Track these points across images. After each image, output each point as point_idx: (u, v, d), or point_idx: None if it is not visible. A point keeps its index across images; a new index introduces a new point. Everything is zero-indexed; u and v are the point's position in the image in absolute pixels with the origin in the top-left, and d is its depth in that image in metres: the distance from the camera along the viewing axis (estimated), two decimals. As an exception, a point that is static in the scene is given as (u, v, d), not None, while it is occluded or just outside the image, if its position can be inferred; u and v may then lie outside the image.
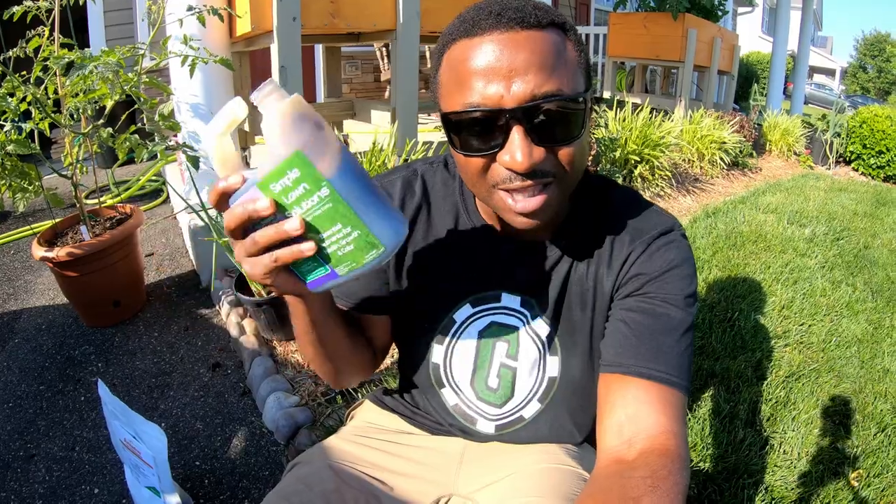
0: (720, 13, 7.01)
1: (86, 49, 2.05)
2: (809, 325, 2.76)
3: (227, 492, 1.68)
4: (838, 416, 2.13)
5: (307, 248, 0.60)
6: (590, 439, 1.04)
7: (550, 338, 0.94)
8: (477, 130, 0.72)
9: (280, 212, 0.59)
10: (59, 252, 2.18)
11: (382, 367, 2.16)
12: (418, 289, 0.97)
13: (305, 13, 2.50)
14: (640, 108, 4.81)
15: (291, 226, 0.59)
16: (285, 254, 0.61)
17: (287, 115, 0.56)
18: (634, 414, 0.73)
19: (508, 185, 0.74)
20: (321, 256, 0.63)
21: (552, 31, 0.71)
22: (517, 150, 0.69)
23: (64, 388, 2.08)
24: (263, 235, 0.60)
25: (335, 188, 0.58)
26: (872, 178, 7.03)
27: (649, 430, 0.71)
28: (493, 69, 0.68)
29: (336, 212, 0.59)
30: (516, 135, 0.70)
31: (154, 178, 4.05)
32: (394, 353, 2.21)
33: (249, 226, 0.61)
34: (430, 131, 4.53)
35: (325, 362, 0.93)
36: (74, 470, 1.74)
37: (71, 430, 1.89)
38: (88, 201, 2.58)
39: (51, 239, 2.37)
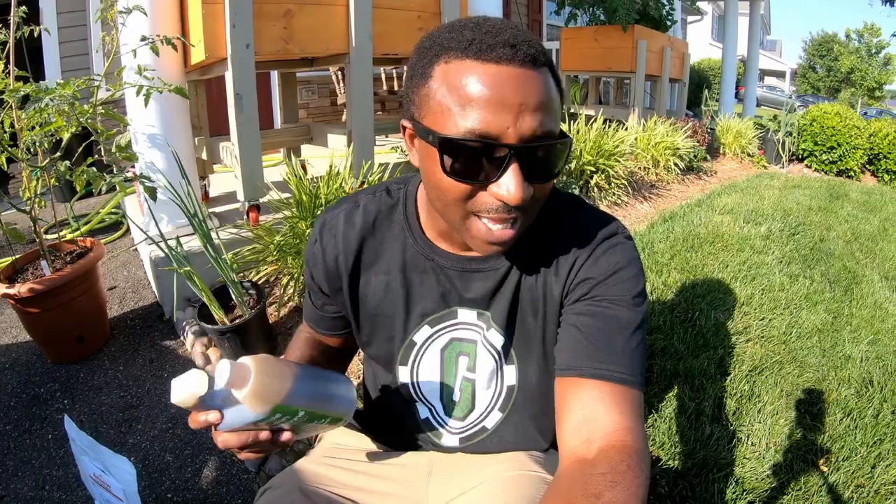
0: (669, 23, 7.19)
1: (41, 82, 2.03)
2: (770, 320, 2.82)
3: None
4: (804, 404, 2.18)
5: (287, 438, 0.80)
6: (555, 445, 1.06)
7: (506, 347, 0.96)
8: (475, 159, 0.72)
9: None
10: (21, 288, 2.14)
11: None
12: (374, 317, 0.99)
13: (259, 40, 2.51)
14: (592, 120, 4.90)
15: (286, 437, 0.80)
16: (274, 448, 0.81)
17: (256, 393, 0.71)
18: (591, 414, 0.76)
19: (492, 215, 0.75)
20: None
21: (548, 71, 0.74)
22: (514, 184, 0.71)
23: (31, 427, 2.03)
24: (260, 446, 0.78)
25: (303, 406, 0.77)
26: (825, 173, 7.26)
27: (606, 427, 0.73)
28: (506, 102, 0.69)
29: (310, 416, 0.79)
30: (514, 170, 0.71)
31: (113, 210, 3.99)
32: (360, 375, 2.21)
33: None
34: (387, 153, 4.55)
35: None
36: (45, 510, 1.70)
37: (40, 468, 1.85)
38: (48, 236, 2.54)
39: (11, 275, 2.32)
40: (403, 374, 1.02)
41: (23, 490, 1.77)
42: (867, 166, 7.46)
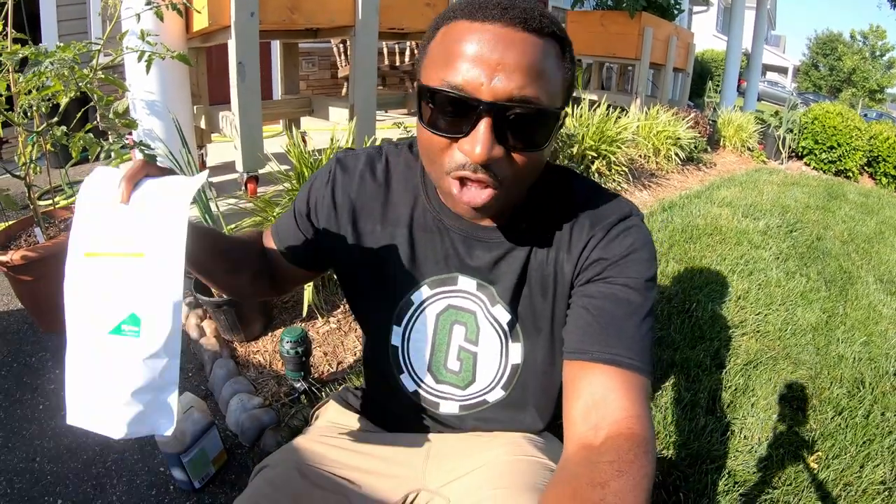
0: (676, 12, 7.14)
1: (40, 45, 1.98)
2: (766, 315, 2.83)
3: (193, 497, 1.65)
4: (796, 401, 2.19)
5: None
6: (550, 426, 1.06)
7: (511, 324, 0.94)
8: (449, 111, 0.72)
9: None
10: (14, 256, 2.10)
11: (346, 365, 2.15)
12: (375, 268, 0.98)
13: (263, 8, 2.46)
14: (596, 105, 4.87)
15: None
16: None
17: None
18: (600, 400, 0.74)
19: (461, 173, 0.75)
20: None
21: (551, 41, 0.72)
22: (479, 142, 0.70)
23: (22, 397, 2.00)
24: None
25: None
26: (824, 172, 7.26)
27: (615, 414, 0.72)
28: (483, 58, 0.68)
29: None
30: (483, 127, 0.70)
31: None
32: (357, 351, 2.20)
33: None
34: (388, 128, 4.51)
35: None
36: (36, 481, 1.67)
37: (31, 440, 1.82)
38: (41, 202, 2.50)
39: (3, 242, 2.28)
40: (396, 336, 1.00)
41: (13, 461, 1.74)
42: (865, 168, 7.47)
